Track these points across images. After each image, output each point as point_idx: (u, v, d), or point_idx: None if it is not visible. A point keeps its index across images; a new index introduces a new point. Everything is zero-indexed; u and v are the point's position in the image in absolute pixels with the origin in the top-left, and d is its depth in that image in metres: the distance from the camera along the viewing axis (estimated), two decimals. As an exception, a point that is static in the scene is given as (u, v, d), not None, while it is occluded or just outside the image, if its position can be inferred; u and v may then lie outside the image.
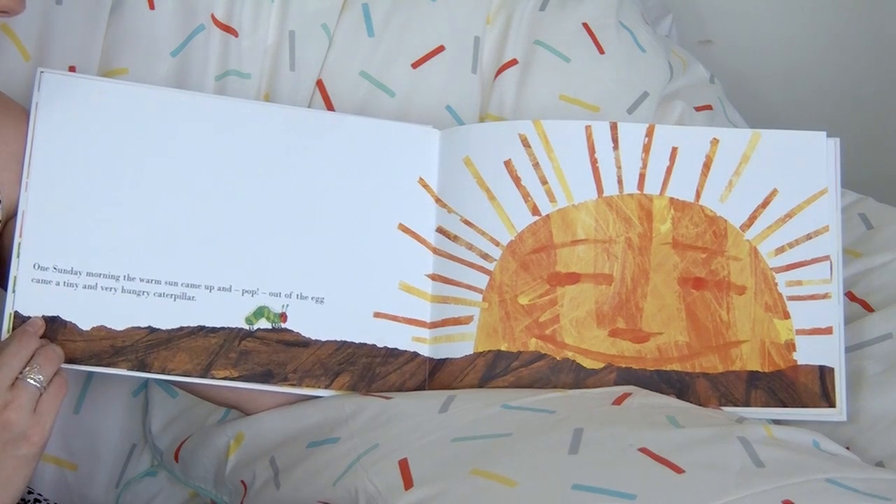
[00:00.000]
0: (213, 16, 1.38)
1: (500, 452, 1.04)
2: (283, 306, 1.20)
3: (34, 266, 1.16)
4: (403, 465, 1.04)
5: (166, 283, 1.18)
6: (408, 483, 1.02)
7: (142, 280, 1.17)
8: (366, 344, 1.21)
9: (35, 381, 1.05)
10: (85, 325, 1.16)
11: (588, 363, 1.21)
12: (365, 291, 1.22)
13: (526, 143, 1.25)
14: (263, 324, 1.19)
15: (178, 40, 1.36)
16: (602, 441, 1.05)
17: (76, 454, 1.34)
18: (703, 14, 1.81)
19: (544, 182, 1.24)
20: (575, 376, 1.21)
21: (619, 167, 1.24)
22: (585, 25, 1.44)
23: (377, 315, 1.21)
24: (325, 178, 1.22)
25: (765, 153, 1.25)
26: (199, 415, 1.33)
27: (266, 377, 1.19)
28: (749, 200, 1.25)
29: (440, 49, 1.42)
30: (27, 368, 1.06)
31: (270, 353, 1.19)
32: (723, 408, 1.21)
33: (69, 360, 1.14)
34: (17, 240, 1.16)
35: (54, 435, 1.32)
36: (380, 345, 1.21)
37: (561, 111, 1.40)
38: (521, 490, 0.99)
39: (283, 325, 1.19)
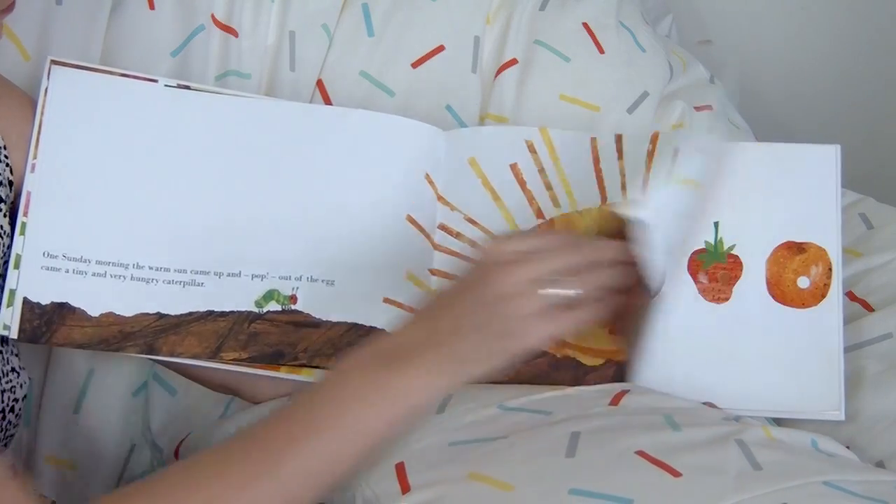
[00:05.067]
0: (213, 16, 1.38)
1: (496, 456, 1.04)
2: (293, 289, 1.20)
3: (44, 254, 1.16)
4: (400, 470, 1.04)
5: (175, 270, 1.18)
6: (405, 488, 1.02)
7: (151, 268, 1.18)
8: (375, 328, 1.21)
9: (564, 291, 1.00)
10: (94, 312, 1.16)
11: (588, 360, 1.21)
12: (374, 277, 1.22)
13: (532, 150, 1.25)
14: (273, 306, 1.19)
15: (178, 40, 1.36)
16: (599, 444, 1.05)
17: (76, 454, 1.34)
18: (703, 14, 1.81)
19: (549, 188, 1.24)
20: (574, 373, 1.21)
21: (623, 175, 1.25)
22: (585, 25, 1.44)
23: (386, 300, 1.22)
24: (334, 168, 1.23)
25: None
26: (199, 412, 1.33)
27: (276, 357, 1.18)
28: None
29: (440, 49, 1.42)
30: (565, 279, 1.01)
31: (280, 334, 1.19)
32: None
33: (77, 346, 1.15)
34: (21, 218, 1.16)
35: (54, 435, 1.33)
36: (389, 329, 1.21)
37: (561, 111, 1.40)
38: (518, 494, 0.99)
39: (293, 307, 1.19)
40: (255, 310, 1.19)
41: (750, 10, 1.82)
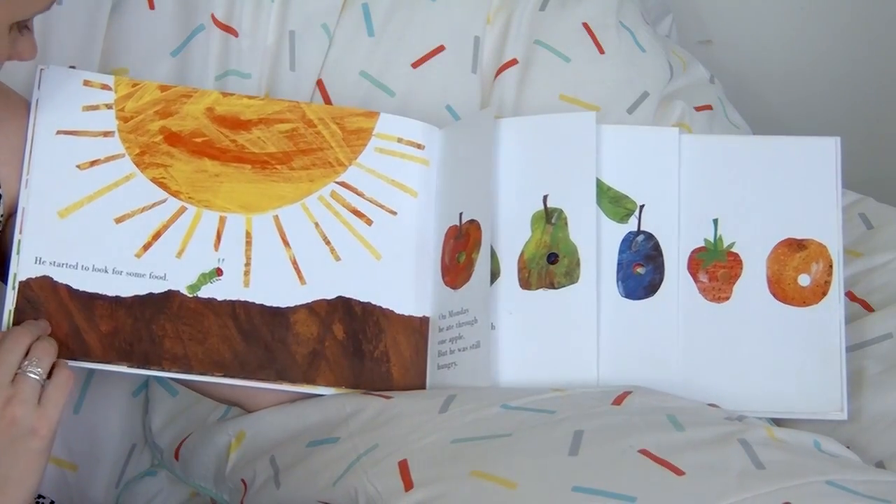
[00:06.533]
0: (213, 16, 1.38)
1: (500, 453, 1.04)
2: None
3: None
4: (403, 467, 1.05)
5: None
6: (408, 485, 1.02)
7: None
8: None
9: (35, 374, 1.05)
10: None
11: None
12: None
13: None
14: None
15: (178, 40, 1.36)
16: (602, 442, 1.05)
17: (76, 454, 1.34)
18: (703, 14, 1.81)
19: None
20: None
21: None
22: (585, 25, 1.44)
23: None
24: None
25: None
26: (199, 413, 1.33)
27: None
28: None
29: (440, 49, 1.42)
30: (25, 363, 1.06)
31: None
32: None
33: (69, 357, 1.14)
34: (17, 236, 1.16)
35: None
36: None
37: (561, 111, 1.40)
38: (521, 492, 0.99)
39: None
40: None
41: (750, 10, 1.82)
